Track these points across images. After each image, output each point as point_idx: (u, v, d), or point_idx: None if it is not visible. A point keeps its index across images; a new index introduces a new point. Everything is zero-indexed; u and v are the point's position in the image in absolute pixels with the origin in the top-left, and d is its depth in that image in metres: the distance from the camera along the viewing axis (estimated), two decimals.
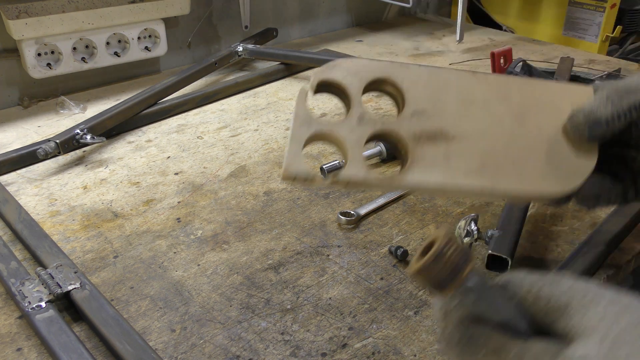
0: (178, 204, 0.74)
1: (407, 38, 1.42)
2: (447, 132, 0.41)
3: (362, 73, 0.40)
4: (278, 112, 1.00)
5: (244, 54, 1.17)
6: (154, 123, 0.97)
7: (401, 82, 0.41)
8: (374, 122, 0.40)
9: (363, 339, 0.53)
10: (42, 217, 0.72)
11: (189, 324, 0.55)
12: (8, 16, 0.94)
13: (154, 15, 1.08)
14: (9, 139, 0.92)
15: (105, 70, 1.12)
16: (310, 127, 0.38)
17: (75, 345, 0.50)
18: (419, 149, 0.40)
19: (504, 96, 0.42)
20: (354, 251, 0.65)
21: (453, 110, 0.41)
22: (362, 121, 0.39)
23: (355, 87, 0.40)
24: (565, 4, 1.43)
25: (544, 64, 1.18)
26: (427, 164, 0.39)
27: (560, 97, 0.43)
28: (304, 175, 0.37)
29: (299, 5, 1.40)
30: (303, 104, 0.39)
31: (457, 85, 0.42)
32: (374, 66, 0.41)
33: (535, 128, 0.42)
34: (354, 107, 0.40)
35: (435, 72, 0.42)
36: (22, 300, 0.54)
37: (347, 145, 0.39)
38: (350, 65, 0.40)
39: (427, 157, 0.39)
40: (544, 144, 0.42)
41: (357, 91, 0.40)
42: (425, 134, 0.40)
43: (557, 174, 0.41)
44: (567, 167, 0.42)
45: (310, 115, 0.39)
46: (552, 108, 0.43)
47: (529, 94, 0.43)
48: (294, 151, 0.38)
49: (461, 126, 0.41)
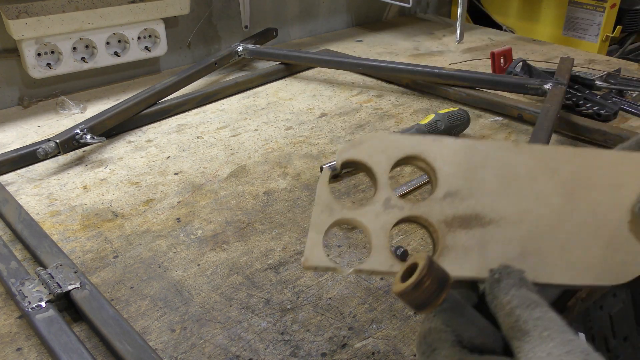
0: (178, 204, 0.74)
1: (407, 38, 1.42)
2: (484, 216, 0.37)
3: (389, 151, 0.37)
4: (278, 112, 1.00)
5: (244, 54, 1.17)
6: (154, 123, 0.97)
7: (433, 160, 0.37)
8: (401, 207, 0.37)
9: (363, 339, 0.53)
10: (42, 217, 0.72)
11: (189, 324, 0.55)
12: (8, 16, 0.94)
13: (154, 15, 1.09)
14: (9, 139, 0.92)
15: (105, 70, 1.12)
16: (333, 214, 0.36)
17: (75, 345, 0.49)
18: (451, 235, 0.37)
19: (551, 170, 0.38)
20: (354, 251, 0.65)
21: (491, 190, 0.37)
22: (388, 206, 0.37)
23: (382, 167, 0.37)
24: (565, 4, 1.43)
25: (544, 64, 1.18)
26: (459, 253, 0.36)
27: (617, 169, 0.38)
28: (324, 267, 0.36)
29: (299, 5, 1.41)
30: (326, 186, 0.37)
31: (497, 160, 0.38)
32: (403, 143, 0.37)
33: (588, 206, 0.37)
34: (380, 189, 0.37)
35: (472, 146, 0.38)
36: (22, 300, 0.54)
37: (371, 232, 0.36)
38: (377, 142, 0.37)
39: (460, 245, 0.36)
40: (598, 225, 0.37)
41: (383, 172, 0.37)
42: (458, 219, 0.37)
43: (613, 262, 0.37)
44: (626, 253, 0.37)
45: (333, 200, 0.37)
46: (609, 182, 0.38)
47: (581, 167, 0.38)
48: (315, 241, 0.36)
49: (500, 208, 0.37)
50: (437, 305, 0.31)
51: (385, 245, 0.36)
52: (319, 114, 0.99)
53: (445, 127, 0.85)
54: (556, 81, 0.93)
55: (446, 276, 0.31)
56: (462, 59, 1.26)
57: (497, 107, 0.97)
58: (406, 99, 1.05)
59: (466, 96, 1.00)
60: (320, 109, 1.01)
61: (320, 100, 1.05)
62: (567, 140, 0.89)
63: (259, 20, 1.33)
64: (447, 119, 0.86)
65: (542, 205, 0.37)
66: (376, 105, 1.02)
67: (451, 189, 0.37)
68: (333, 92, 1.08)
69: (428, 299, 0.31)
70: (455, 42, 1.28)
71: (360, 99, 1.05)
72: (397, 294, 0.31)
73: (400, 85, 1.10)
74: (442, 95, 1.04)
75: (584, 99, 0.94)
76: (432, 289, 0.30)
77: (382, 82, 1.12)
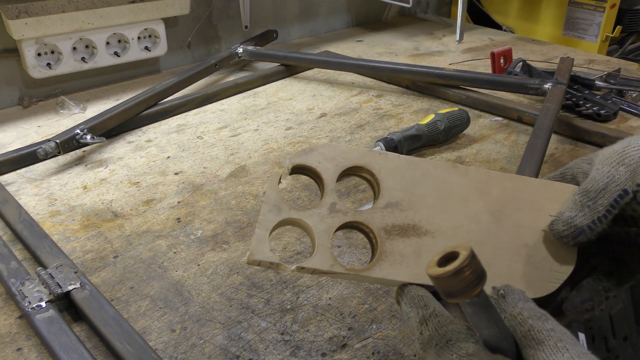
0: (178, 204, 0.74)
1: (407, 38, 1.42)
2: (420, 227, 0.40)
3: (338, 159, 0.40)
4: (278, 112, 1.01)
5: (244, 56, 1.17)
6: (154, 123, 0.97)
7: (378, 172, 0.40)
8: (345, 212, 0.39)
9: (363, 339, 0.53)
10: (42, 217, 0.72)
11: (189, 324, 0.55)
12: (8, 16, 0.94)
13: (154, 15, 1.09)
14: (9, 139, 0.92)
15: (105, 70, 1.12)
16: (280, 213, 0.39)
17: (75, 345, 0.50)
18: (389, 242, 0.39)
19: (483, 191, 0.41)
20: (354, 251, 0.65)
21: (428, 204, 0.41)
22: (333, 210, 0.39)
23: (329, 174, 0.40)
24: (565, 4, 1.43)
25: (544, 64, 1.18)
26: (395, 259, 0.39)
27: (540, 195, 0.42)
28: (268, 263, 0.38)
29: (299, 5, 1.41)
30: (275, 187, 0.39)
31: (436, 178, 0.41)
32: (351, 153, 0.40)
33: (512, 226, 0.41)
34: (327, 195, 0.39)
35: (414, 163, 0.41)
36: (22, 300, 0.54)
37: (315, 234, 0.39)
38: (327, 151, 0.40)
39: (397, 252, 0.39)
40: (520, 244, 0.41)
41: (331, 179, 0.40)
42: (396, 228, 0.40)
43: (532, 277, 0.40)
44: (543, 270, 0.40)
45: (281, 200, 0.39)
46: (531, 206, 0.41)
47: (509, 190, 0.42)
48: (261, 237, 0.38)
49: (435, 221, 0.40)
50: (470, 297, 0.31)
51: (327, 246, 0.38)
52: (319, 114, 0.99)
53: (445, 127, 0.85)
54: (556, 81, 0.93)
55: (484, 271, 0.31)
56: (462, 59, 1.26)
57: (497, 109, 0.97)
58: (406, 99, 1.05)
59: (466, 98, 1.00)
60: (320, 109, 1.01)
61: (320, 101, 1.05)
62: (567, 140, 0.89)
63: (259, 20, 1.33)
64: (447, 119, 0.86)
65: (472, 222, 0.41)
66: (376, 105, 1.03)
67: (392, 200, 0.40)
68: (333, 92, 1.08)
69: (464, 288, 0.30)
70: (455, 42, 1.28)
71: (360, 99, 1.05)
72: (434, 277, 0.30)
73: (400, 85, 1.10)
74: (442, 95, 1.04)
75: (584, 99, 0.94)
76: (470, 280, 0.30)
77: (382, 82, 1.12)
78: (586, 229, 0.39)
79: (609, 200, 0.38)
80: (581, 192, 0.39)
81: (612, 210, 0.38)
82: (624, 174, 0.38)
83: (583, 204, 0.39)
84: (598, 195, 0.39)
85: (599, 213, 0.38)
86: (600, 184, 0.39)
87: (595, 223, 0.38)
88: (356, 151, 0.41)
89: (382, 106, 1.02)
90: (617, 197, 0.38)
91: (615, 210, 0.38)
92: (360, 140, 0.89)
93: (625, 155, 0.39)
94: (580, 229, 0.39)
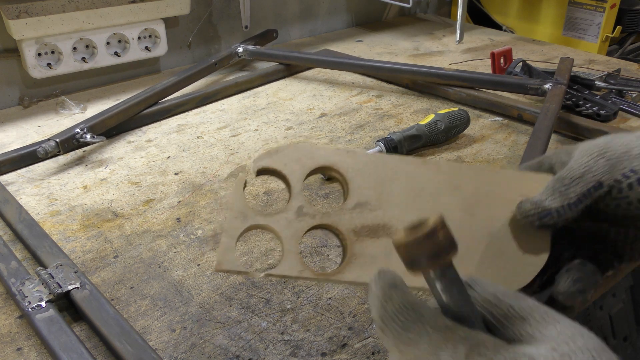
0: (178, 203, 0.74)
1: (407, 38, 1.42)
2: (391, 226, 0.39)
3: (304, 160, 0.39)
4: (278, 112, 1.01)
5: (244, 55, 1.17)
6: (154, 123, 0.97)
7: (345, 171, 0.39)
8: (313, 215, 0.38)
9: (363, 339, 0.53)
10: (42, 217, 0.72)
11: (189, 324, 0.55)
12: (8, 16, 0.94)
13: (154, 15, 1.09)
14: (9, 139, 0.92)
15: (105, 70, 1.12)
16: (246, 220, 0.38)
17: (75, 345, 0.50)
18: (359, 244, 0.38)
19: (454, 186, 0.40)
20: None
21: (398, 202, 0.39)
22: (300, 214, 0.38)
23: (296, 176, 0.39)
24: (565, 4, 1.43)
25: (544, 64, 1.18)
26: (366, 261, 0.38)
27: (513, 186, 0.41)
28: (236, 271, 0.37)
29: (299, 5, 1.41)
30: (240, 193, 0.38)
31: (406, 174, 0.40)
32: (317, 154, 0.39)
33: (485, 220, 0.40)
34: (293, 198, 0.38)
35: (383, 160, 0.40)
36: (22, 300, 0.54)
37: (283, 239, 0.38)
38: (292, 152, 0.39)
39: (367, 254, 0.38)
40: (493, 237, 0.40)
41: (297, 180, 0.39)
42: (366, 229, 0.38)
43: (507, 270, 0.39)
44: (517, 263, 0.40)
45: (247, 206, 0.38)
46: (505, 198, 0.41)
47: (481, 184, 0.41)
48: (227, 246, 0.37)
49: (406, 219, 0.39)
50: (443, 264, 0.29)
51: (296, 251, 0.37)
52: (319, 114, 0.99)
53: (445, 127, 0.85)
54: (556, 81, 0.93)
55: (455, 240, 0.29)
56: (462, 59, 1.26)
57: (497, 107, 0.97)
58: (406, 99, 1.05)
59: (466, 96, 1.00)
60: (320, 109, 1.01)
61: (320, 101, 1.05)
62: (567, 140, 0.90)
63: (259, 20, 1.33)
64: (447, 119, 0.86)
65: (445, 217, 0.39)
66: (376, 105, 1.03)
67: (361, 200, 0.39)
68: (333, 92, 1.08)
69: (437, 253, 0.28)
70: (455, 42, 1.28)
71: (360, 99, 1.05)
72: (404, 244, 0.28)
73: (400, 85, 1.10)
74: (442, 94, 1.04)
75: (584, 99, 0.94)
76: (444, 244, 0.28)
77: (382, 82, 1.12)
78: (554, 212, 0.38)
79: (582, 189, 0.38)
80: (555, 179, 0.39)
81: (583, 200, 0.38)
82: (603, 166, 0.38)
83: (555, 189, 0.39)
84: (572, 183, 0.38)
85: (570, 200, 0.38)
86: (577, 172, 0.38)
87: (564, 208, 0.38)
88: (323, 150, 0.40)
89: (382, 106, 1.02)
90: (591, 187, 0.38)
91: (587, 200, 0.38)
92: (360, 140, 0.90)
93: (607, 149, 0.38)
94: (547, 210, 0.38)
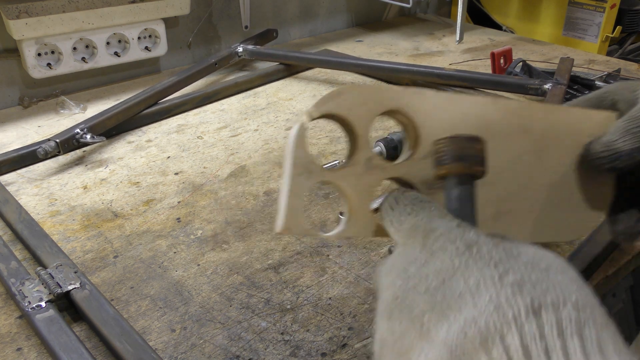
0: (178, 204, 0.74)
1: (407, 38, 1.42)
2: None
3: (370, 105, 0.34)
4: (278, 112, 1.01)
5: (244, 55, 1.17)
6: (154, 123, 0.97)
7: (415, 115, 0.35)
8: (383, 167, 0.35)
9: (363, 339, 0.53)
10: (42, 217, 0.72)
11: (189, 324, 0.55)
12: (8, 16, 0.94)
13: (154, 15, 1.09)
14: (9, 139, 0.92)
15: (105, 70, 1.12)
16: (311, 176, 0.33)
17: (75, 345, 0.50)
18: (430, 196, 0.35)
19: (525, 128, 0.37)
20: (354, 251, 0.65)
21: None
22: (369, 167, 0.35)
23: (363, 123, 0.34)
24: (565, 4, 1.43)
25: (544, 64, 1.18)
26: None
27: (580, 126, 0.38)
28: (303, 233, 0.34)
29: (299, 5, 1.41)
30: (302, 145, 0.33)
31: (476, 116, 0.37)
32: (385, 96, 0.35)
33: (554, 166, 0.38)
34: (360, 149, 0.34)
35: (453, 100, 0.36)
36: (22, 300, 0.54)
37: (352, 195, 0.34)
38: (357, 95, 0.34)
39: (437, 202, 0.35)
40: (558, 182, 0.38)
41: (364, 128, 0.34)
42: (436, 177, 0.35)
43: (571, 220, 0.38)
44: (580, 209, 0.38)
45: (311, 160, 0.33)
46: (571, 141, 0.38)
47: (551, 124, 0.38)
48: (294, 207, 0.33)
49: None
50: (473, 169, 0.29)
51: (367, 208, 0.35)
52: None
53: None
54: (556, 81, 0.93)
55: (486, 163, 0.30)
56: (462, 59, 1.26)
57: None
58: None
59: None
60: None
61: None
62: None
63: (259, 21, 1.33)
64: None
65: (515, 165, 0.37)
66: None
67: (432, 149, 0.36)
68: None
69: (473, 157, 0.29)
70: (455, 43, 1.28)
71: None
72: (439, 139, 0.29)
73: (400, 85, 1.10)
74: None
75: None
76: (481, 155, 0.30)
77: (382, 82, 1.12)
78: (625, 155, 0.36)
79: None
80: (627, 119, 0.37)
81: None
82: None
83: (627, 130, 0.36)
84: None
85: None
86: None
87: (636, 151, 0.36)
88: (390, 91, 0.35)
89: None
90: None
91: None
92: None
93: None
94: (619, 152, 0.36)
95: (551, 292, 0.25)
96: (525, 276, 0.25)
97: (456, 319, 0.25)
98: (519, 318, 0.24)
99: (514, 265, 0.26)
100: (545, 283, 0.25)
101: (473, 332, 0.24)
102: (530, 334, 0.23)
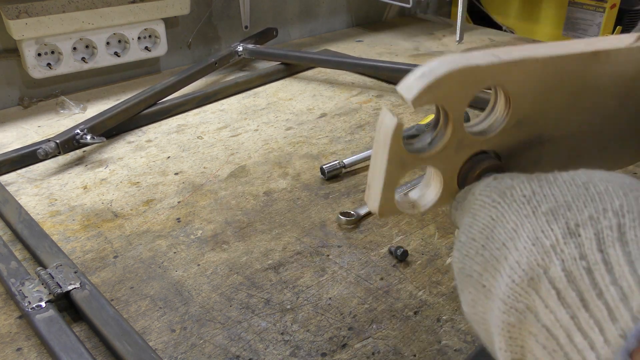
0: (178, 204, 0.74)
1: (407, 38, 1.42)
2: (544, 135, 0.36)
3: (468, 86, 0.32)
4: (278, 112, 1.01)
5: (244, 54, 1.17)
6: (154, 123, 0.97)
7: (510, 88, 0.34)
8: (472, 144, 0.34)
9: (363, 339, 0.53)
10: (42, 217, 0.72)
11: (189, 324, 0.55)
12: (8, 16, 0.94)
13: (154, 15, 1.09)
14: (9, 139, 0.92)
15: (105, 70, 1.12)
16: (405, 168, 0.33)
17: (75, 345, 0.50)
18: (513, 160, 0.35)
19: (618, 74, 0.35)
20: (354, 251, 0.65)
21: (558, 109, 0.35)
22: (460, 147, 0.34)
23: (458, 107, 0.33)
24: (565, 4, 1.43)
25: None
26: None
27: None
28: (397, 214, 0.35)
29: (299, 5, 1.41)
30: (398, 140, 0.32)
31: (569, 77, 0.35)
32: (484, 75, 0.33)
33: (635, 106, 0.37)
34: (456, 131, 0.34)
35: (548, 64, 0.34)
36: (22, 300, 0.54)
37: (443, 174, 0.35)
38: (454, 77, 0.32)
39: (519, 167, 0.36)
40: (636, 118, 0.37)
41: (459, 112, 0.33)
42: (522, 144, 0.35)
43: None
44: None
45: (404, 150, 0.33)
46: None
47: None
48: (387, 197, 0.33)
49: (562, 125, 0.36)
50: None
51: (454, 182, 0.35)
52: (319, 114, 0.99)
53: None
54: None
55: None
56: None
57: None
58: None
59: None
60: (320, 109, 1.01)
61: (320, 101, 1.05)
62: None
63: (259, 20, 1.33)
64: None
65: (597, 111, 0.36)
66: (376, 105, 1.02)
67: (521, 117, 0.35)
68: (333, 92, 1.08)
69: None
70: (455, 43, 1.27)
71: (360, 99, 1.05)
72: None
73: None
74: None
75: None
76: None
77: (382, 82, 1.12)
78: None
79: None
80: None
81: None
82: None
83: None
84: None
85: None
86: None
87: None
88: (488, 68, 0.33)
89: (382, 106, 1.02)
90: None
91: None
92: (360, 141, 0.89)
93: None
94: None
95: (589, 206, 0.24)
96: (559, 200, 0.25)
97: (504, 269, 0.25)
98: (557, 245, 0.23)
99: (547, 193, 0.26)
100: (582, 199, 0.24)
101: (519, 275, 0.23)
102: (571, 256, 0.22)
